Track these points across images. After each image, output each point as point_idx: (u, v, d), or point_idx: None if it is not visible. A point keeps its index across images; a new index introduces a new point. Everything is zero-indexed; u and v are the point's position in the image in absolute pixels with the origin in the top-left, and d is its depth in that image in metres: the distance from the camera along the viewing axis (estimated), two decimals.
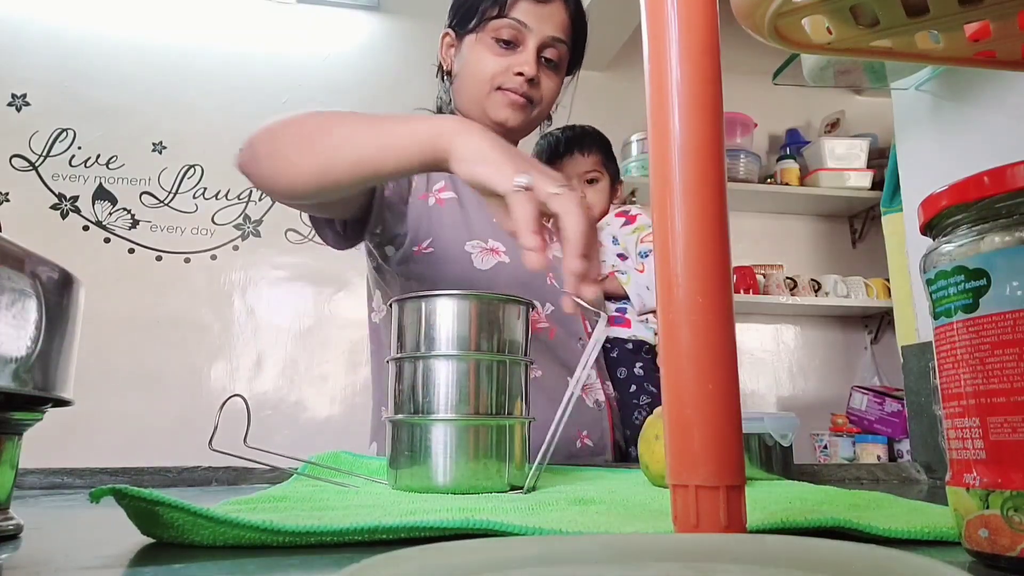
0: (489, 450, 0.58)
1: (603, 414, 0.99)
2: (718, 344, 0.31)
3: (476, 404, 0.58)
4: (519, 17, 0.97)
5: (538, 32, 0.98)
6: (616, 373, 1.28)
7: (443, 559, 0.22)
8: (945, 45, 0.48)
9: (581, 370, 0.58)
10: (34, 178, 2.34)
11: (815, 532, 0.38)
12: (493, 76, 0.98)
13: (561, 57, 1.02)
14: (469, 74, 1.01)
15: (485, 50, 0.99)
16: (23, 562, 0.34)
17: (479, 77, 0.99)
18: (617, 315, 1.34)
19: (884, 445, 2.40)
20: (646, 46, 0.35)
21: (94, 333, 2.14)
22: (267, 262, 2.44)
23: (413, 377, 0.59)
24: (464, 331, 0.59)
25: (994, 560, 0.30)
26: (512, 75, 0.98)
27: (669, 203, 0.32)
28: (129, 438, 2.19)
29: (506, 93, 0.98)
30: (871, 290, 2.66)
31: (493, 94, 0.99)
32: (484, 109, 1.00)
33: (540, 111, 1.03)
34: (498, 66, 0.98)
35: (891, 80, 0.96)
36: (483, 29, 0.99)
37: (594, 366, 1.01)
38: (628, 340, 1.31)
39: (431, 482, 0.57)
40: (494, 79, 0.98)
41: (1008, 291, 0.30)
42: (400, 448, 0.59)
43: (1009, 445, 0.30)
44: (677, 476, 0.31)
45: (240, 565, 0.32)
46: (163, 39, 2.48)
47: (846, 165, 2.67)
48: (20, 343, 0.36)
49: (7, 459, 0.39)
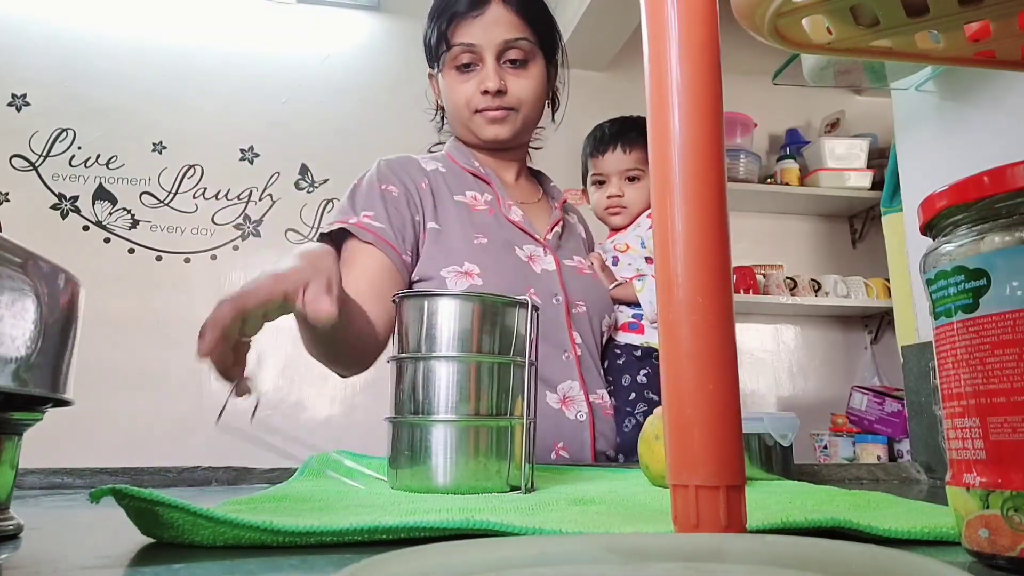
0: (489, 450, 0.58)
1: (584, 425, 0.99)
2: (718, 344, 0.31)
3: (476, 405, 0.58)
4: (464, 40, 1.02)
5: (488, 44, 1.01)
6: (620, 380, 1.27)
7: (443, 559, 0.22)
8: (945, 45, 0.48)
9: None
10: (34, 178, 2.34)
11: (815, 532, 0.38)
12: (467, 101, 1.03)
13: (526, 52, 1.03)
14: (450, 106, 1.07)
15: (452, 81, 1.04)
16: (23, 562, 0.34)
17: (457, 106, 1.05)
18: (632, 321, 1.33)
19: (884, 445, 2.40)
20: (646, 46, 0.35)
21: (94, 333, 2.13)
22: (267, 262, 2.43)
23: (414, 377, 0.59)
24: (465, 332, 0.59)
25: (994, 560, 0.30)
26: (480, 95, 1.02)
27: (669, 203, 0.32)
28: (129, 438, 2.19)
29: (483, 113, 1.03)
30: (871, 290, 2.66)
31: (474, 118, 1.04)
32: (473, 132, 1.06)
33: (527, 113, 1.06)
34: (468, 91, 1.03)
35: (891, 80, 0.96)
36: (444, 63, 1.04)
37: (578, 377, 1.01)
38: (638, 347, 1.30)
39: (431, 482, 0.57)
40: (468, 104, 1.04)
41: (1008, 291, 0.30)
42: (400, 448, 0.59)
43: (1009, 445, 0.30)
44: (677, 476, 0.31)
45: (240, 565, 0.32)
46: (163, 39, 2.48)
47: (846, 165, 2.67)
48: (20, 343, 0.36)
49: (7, 459, 0.39)
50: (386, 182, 1.01)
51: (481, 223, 1.02)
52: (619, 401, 1.19)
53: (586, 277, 1.11)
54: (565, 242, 1.13)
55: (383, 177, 1.02)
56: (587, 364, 1.04)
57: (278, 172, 2.50)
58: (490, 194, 1.07)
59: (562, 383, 0.99)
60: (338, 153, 2.52)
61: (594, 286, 1.12)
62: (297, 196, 2.50)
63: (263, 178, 2.48)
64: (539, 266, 1.03)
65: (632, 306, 1.35)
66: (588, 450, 0.99)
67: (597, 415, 1.02)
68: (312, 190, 2.51)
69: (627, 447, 1.08)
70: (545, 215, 1.13)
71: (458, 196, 1.04)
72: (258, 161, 2.48)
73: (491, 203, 1.06)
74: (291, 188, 2.50)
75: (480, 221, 1.02)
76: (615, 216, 1.50)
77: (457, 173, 1.07)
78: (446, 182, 1.05)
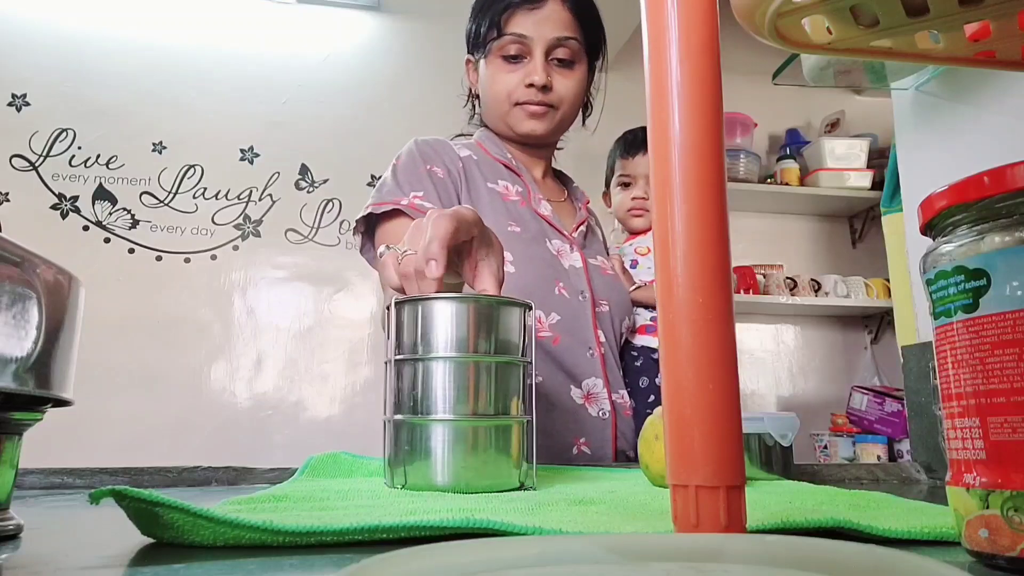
0: (488, 449, 0.58)
1: (607, 423, 0.99)
2: (718, 344, 0.31)
3: (475, 404, 0.58)
4: (517, 30, 1.01)
5: (540, 38, 1.01)
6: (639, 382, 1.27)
7: (443, 559, 0.22)
8: (945, 45, 0.48)
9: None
10: (34, 178, 2.34)
11: (815, 532, 0.38)
12: (508, 93, 1.03)
13: (574, 53, 1.04)
14: (490, 96, 1.06)
15: (497, 70, 1.03)
16: (23, 562, 0.34)
17: (497, 97, 1.04)
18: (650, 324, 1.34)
19: (884, 445, 2.40)
20: (646, 46, 0.35)
21: (94, 333, 2.14)
22: (267, 262, 2.44)
23: (413, 378, 0.59)
24: (463, 332, 0.59)
25: (994, 560, 0.30)
26: (524, 88, 1.01)
27: (669, 203, 0.32)
28: (129, 438, 2.19)
29: (524, 107, 1.02)
30: (871, 290, 2.66)
31: (513, 110, 1.03)
32: (509, 125, 1.05)
33: (565, 112, 1.06)
34: (511, 82, 1.02)
35: (891, 80, 0.96)
36: (490, 51, 1.02)
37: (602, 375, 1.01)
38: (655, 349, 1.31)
39: (430, 481, 0.57)
40: (510, 96, 1.03)
41: (1008, 291, 0.30)
42: (399, 447, 0.59)
43: (1009, 445, 0.30)
44: (677, 476, 0.31)
45: (240, 565, 0.32)
46: (163, 39, 2.48)
47: (846, 165, 2.67)
48: (20, 343, 0.36)
49: (7, 459, 0.39)
50: (430, 163, 0.99)
51: (514, 212, 1.01)
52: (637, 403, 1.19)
53: (609, 277, 1.11)
54: (590, 242, 1.13)
55: (427, 157, 1.00)
56: (610, 363, 1.04)
57: (278, 172, 2.50)
58: (521, 186, 1.06)
59: (586, 379, 0.99)
60: (338, 153, 2.52)
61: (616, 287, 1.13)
62: (297, 196, 2.50)
63: (263, 178, 2.48)
64: (567, 262, 1.03)
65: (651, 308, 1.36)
66: (609, 448, 0.99)
67: (619, 414, 1.02)
68: (312, 190, 2.51)
69: None
70: (570, 214, 1.13)
71: (491, 184, 1.03)
72: (258, 161, 2.48)
73: (522, 195, 1.05)
74: (291, 188, 2.50)
75: (512, 210, 1.02)
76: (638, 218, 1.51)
77: (489, 163, 1.06)
78: (479, 168, 1.04)
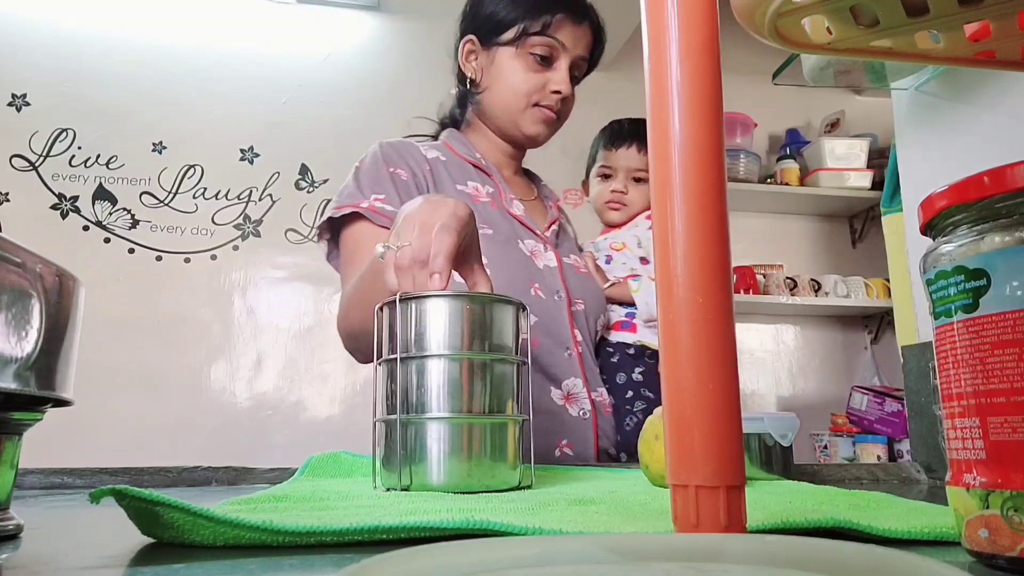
0: (481, 448, 0.58)
1: (588, 423, 0.99)
2: (718, 344, 0.31)
3: (469, 403, 0.58)
4: (560, 37, 1.02)
5: (571, 51, 1.03)
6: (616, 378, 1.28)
7: (443, 559, 0.22)
8: (945, 45, 0.48)
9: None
10: (34, 178, 2.34)
11: (815, 532, 0.38)
12: (530, 92, 1.02)
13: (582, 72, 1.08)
14: (506, 87, 1.04)
15: (523, 66, 1.02)
16: (23, 562, 0.34)
17: (516, 91, 1.03)
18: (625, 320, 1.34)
19: (884, 445, 2.40)
20: (646, 46, 0.35)
21: (94, 333, 2.14)
22: (267, 262, 2.44)
23: (405, 377, 0.59)
24: (456, 331, 0.59)
25: (994, 560, 0.30)
26: (548, 93, 1.02)
27: (669, 203, 0.32)
28: (129, 438, 2.19)
29: (542, 109, 1.03)
30: (871, 290, 2.66)
31: (529, 110, 1.03)
32: (517, 123, 1.05)
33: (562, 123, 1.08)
34: (535, 82, 1.02)
35: (891, 80, 0.96)
36: (522, 44, 1.01)
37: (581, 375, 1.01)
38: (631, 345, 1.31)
39: (424, 480, 0.57)
40: (531, 95, 1.02)
41: (1008, 291, 0.30)
42: (393, 447, 0.59)
43: (1009, 445, 0.30)
44: (677, 476, 0.31)
45: (240, 565, 0.32)
46: (163, 39, 2.48)
47: (846, 165, 2.67)
48: (20, 343, 0.36)
49: (7, 459, 0.39)
50: (393, 165, 0.99)
51: (485, 214, 1.01)
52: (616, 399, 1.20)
53: (583, 276, 1.11)
54: (562, 241, 1.13)
55: (389, 160, 0.99)
56: (587, 362, 1.04)
57: (278, 172, 2.50)
58: (491, 187, 1.06)
59: (566, 380, 0.99)
60: (338, 153, 2.52)
61: (590, 285, 1.13)
62: (297, 196, 2.50)
63: (263, 178, 2.48)
64: (541, 262, 1.03)
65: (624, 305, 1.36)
66: (591, 448, 0.99)
67: (599, 413, 1.02)
68: (312, 190, 2.51)
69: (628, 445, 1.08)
70: (541, 213, 1.13)
71: (460, 186, 1.02)
72: (258, 161, 2.48)
73: (493, 196, 1.05)
74: (291, 188, 2.50)
75: (483, 212, 1.01)
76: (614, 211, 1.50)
77: (457, 163, 1.06)
78: (447, 170, 1.03)
